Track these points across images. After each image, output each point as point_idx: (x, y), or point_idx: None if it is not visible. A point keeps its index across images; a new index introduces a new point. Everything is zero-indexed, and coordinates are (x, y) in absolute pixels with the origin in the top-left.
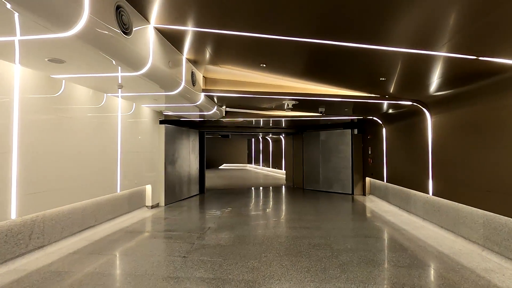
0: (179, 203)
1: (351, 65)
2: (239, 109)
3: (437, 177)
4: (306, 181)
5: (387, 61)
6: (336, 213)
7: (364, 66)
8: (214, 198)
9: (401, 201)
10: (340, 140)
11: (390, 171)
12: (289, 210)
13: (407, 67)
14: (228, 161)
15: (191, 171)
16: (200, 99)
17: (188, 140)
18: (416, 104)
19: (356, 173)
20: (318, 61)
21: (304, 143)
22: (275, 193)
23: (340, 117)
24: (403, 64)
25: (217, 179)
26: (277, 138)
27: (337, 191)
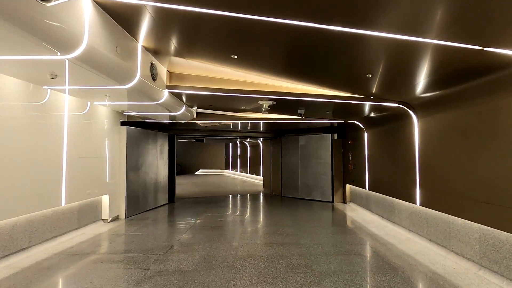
0: (143, 215)
1: (335, 56)
2: (212, 110)
3: (425, 186)
4: (285, 188)
5: (375, 52)
6: (316, 224)
7: (349, 59)
8: (185, 208)
9: (384, 210)
10: (320, 145)
11: (372, 178)
12: (266, 222)
13: (395, 62)
14: (204, 167)
15: (159, 178)
16: (163, 96)
17: (155, 144)
18: (402, 107)
19: (336, 179)
20: (297, 52)
21: (282, 148)
22: (251, 202)
23: (320, 121)
24: (392, 58)
25: (190, 186)
26: (255, 143)
27: (317, 199)
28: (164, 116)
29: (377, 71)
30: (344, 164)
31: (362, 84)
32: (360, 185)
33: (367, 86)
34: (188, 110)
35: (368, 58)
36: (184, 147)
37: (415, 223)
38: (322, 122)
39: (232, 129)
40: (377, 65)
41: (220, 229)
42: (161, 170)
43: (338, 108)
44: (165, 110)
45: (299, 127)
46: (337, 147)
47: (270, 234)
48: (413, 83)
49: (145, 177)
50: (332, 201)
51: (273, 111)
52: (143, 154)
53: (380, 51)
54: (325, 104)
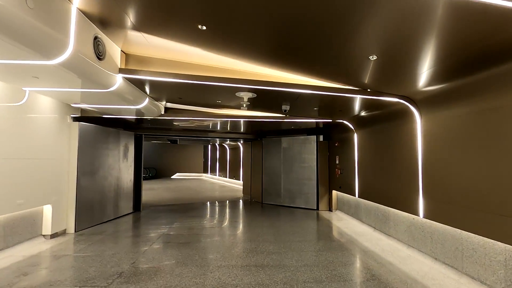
0: (99, 228)
1: (329, 32)
2: (183, 105)
3: (430, 196)
4: (266, 194)
5: (375, 25)
6: (301, 237)
7: (346, 34)
8: (151, 219)
9: (376, 221)
10: (304, 147)
11: (363, 185)
12: (244, 236)
13: (398, 40)
14: (181, 170)
15: (122, 184)
16: (116, 83)
17: (117, 144)
18: (402, 102)
19: (321, 185)
20: (283, 27)
21: (263, 150)
22: (229, 210)
23: (305, 120)
24: (394, 33)
25: (163, 192)
26: (234, 145)
27: (300, 206)
28: (126, 111)
29: (375, 53)
30: (330, 169)
31: (357, 73)
32: (348, 191)
33: (363, 75)
34: (154, 104)
35: (367, 34)
36: (160, 149)
37: (415, 237)
38: (307, 122)
39: (209, 129)
40: (376, 45)
41: (189, 247)
42: (124, 174)
43: (327, 103)
44: (123, 102)
45: (282, 127)
46: (322, 150)
47: (248, 252)
48: (418, 72)
49: (103, 182)
50: (317, 209)
51: (253, 108)
52: (101, 155)
53: (380, 23)
54: (313, 97)
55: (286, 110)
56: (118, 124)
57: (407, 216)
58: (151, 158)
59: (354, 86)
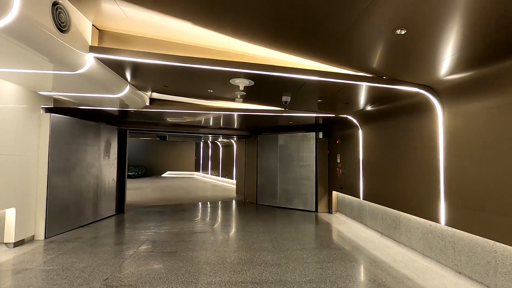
0: (74, 233)
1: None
2: (170, 95)
3: (453, 200)
4: (261, 195)
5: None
6: (302, 245)
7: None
8: (135, 222)
9: (384, 225)
10: (302, 145)
11: (369, 186)
12: (238, 243)
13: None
14: (172, 168)
15: (103, 183)
16: (86, 64)
17: (97, 139)
18: (422, 92)
19: (321, 186)
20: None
21: (258, 148)
22: (221, 212)
23: (306, 114)
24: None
25: (152, 191)
26: (228, 143)
27: (298, 208)
28: (106, 101)
29: (400, 26)
30: (330, 168)
31: (372, 56)
32: (351, 193)
33: (379, 58)
34: (137, 94)
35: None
36: (150, 146)
37: (433, 246)
38: (307, 118)
39: (200, 124)
40: (401, 16)
41: (175, 257)
42: (106, 172)
43: (333, 94)
44: (99, 89)
45: (279, 123)
46: (322, 148)
47: (244, 264)
48: (442, 57)
49: (80, 182)
50: (316, 211)
51: (249, 100)
52: (78, 151)
53: None
54: (319, 86)
55: (286, 102)
56: (99, 117)
57: (423, 222)
58: (140, 156)
59: (368, 72)
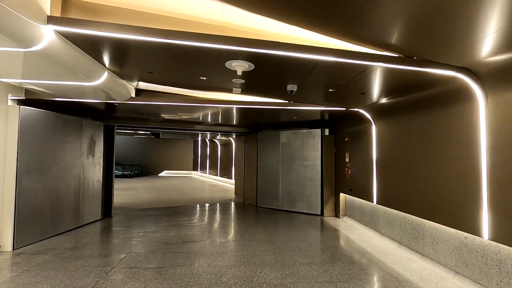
0: (50, 242)
1: None
2: (158, 84)
3: (501, 210)
4: (261, 197)
5: None
6: (311, 258)
7: None
8: (121, 229)
9: (404, 234)
10: (307, 143)
11: (384, 189)
12: (236, 257)
13: None
14: (170, 168)
15: (86, 185)
16: (43, 38)
17: (79, 136)
18: (460, 77)
19: (327, 187)
20: None
21: (259, 146)
22: (219, 216)
23: (312, 108)
24: None
25: (146, 192)
26: (226, 141)
27: (302, 211)
28: (85, 91)
29: None
30: (337, 168)
31: (400, 32)
32: (362, 195)
33: (407, 35)
34: (118, 83)
35: None
36: (146, 144)
37: (469, 263)
38: (312, 113)
39: (196, 120)
40: None
41: (160, 275)
42: (89, 173)
43: (349, 82)
44: (68, 74)
45: (281, 119)
46: (328, 146)
47: (241, 285)
48: (484, 33)
49: (57, 184)
50: (321, 215)
51: (249, 91)
52: (56, 149)
53: None
54: (334, 70)
55: (292, 91)
56: (81, 111)
57: (455, 233)
58: (136, 154)
59: (394, 51)
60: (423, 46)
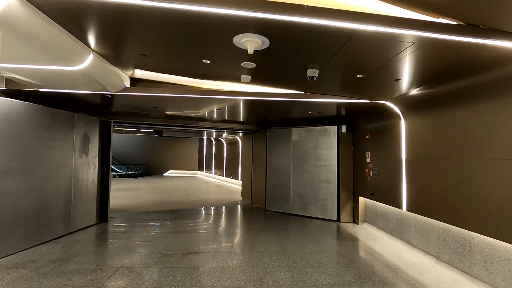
0: (33, 252)
1: None
2: (158, 72)
3: None
4: (270, 199)
5: None
6: (334, 277)
7: None
8: (116, 236)
9: (443, 248)
10: (321, 141)
11: (416, 194)
12: (244, 273)
13: None
14: (175, 167)
15: (78, 186)
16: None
17: (70, 132)
18: None
19: (344, 190)
20: None
21: (268, 145)
22: (224, 221)
23: (333, 100)
24: None
25: (148, 193)
26: (232, 140)
27: (315, 216)
28: (70, 79)
29: None
30: (355, 169)
31: None
32: (387, 200)
33: None
34: (107, 69)
35: None
36: (151, 143)
37: None
38: (329, 107)
39: (200, 116)
40: None
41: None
42: (82, 173)
43: (384, 64)
44: (41, 54)
45: (292, 115)
46: (345, 145)
47: None
48: None
49: (44, 186)
50: (337, 220)
51: (260, 78)
52: (42, 147)
53: None
54: (370, 46)
55: (313, 77)
56: (75, 105)
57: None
58: (141, 153)
59: (453, 16)
60: (491, 10)
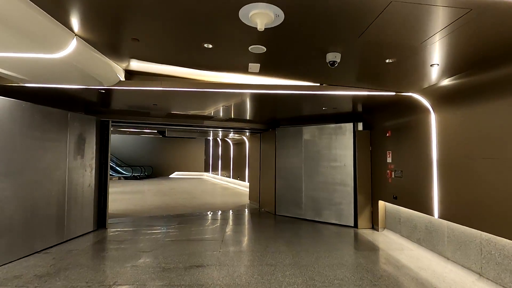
0: (19, 265)
1: None
2: (155, 62)
3: None
4: (281, 203)
5: None
6: None
7: None
8: (113, 246)
9: (488, 263)
10: (336, 140)
11: (452, 198)
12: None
13: None
14: (181, 169)
15: (73, 191)
16: None
17: (63, 132)
18: None
19: (361, 193)
20: None
21: (277, 145)
22: (230, 227)
23: (351, 92)
24: None
25: (153, 196)
26: (239, 140)
27: (330, 221)
28: (56, 72)
29: None
30: (374, 170)
31: None
32: (413, 205)
33: None
34: (96, 60)
35: None
36: (157, 145)
37: None
38: (344, 102)
39: (205, 115)
40: None
41: None
42: (78, 177)
43: (421, 45)
44: (12, 42)
45: (303, 112)
46: (362, 144)
47: None
48: None
49: (33, 191)
50: (354, 226)
51: (270, 67)
52: (31, 149)
53: None
54: (413, 16)
55: (334, 62)
56: (69, 103)
57: None
58: (147, 155)
59: None
60: None
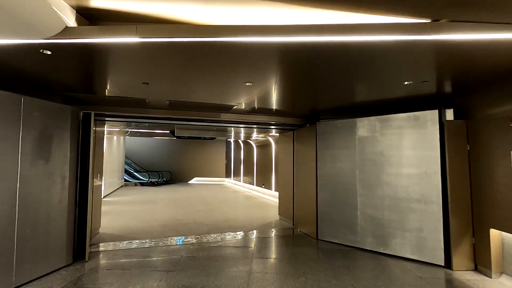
0: None
1: None
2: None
3: None
4: (324, 223)
5: None
6: None
7: None
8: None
9: None
10: (408, 136)
11: None
12: None
13: None
14: (201, 174)
15: (31, 211)
16: None
17: (13, 126)
18: None
19: (455, 215)
20: None
21: (319, 144)
22: (255, 264)
23: (499, 31)
24: None
25: (163, 209)
26: (263, 142)
27: (402, 255)
28: None
29: None
30: (478, 180)
31: None
32: None
33: None
34: None
35: None
36: (176, 149)
37: None
38: (468, 57)
39: (219, 104)
40: None
41: None
42: (40, 191)
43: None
44: None
45: (356, 99)
46: (455, 140)
47: None
48: None
49: None
50: (445, 266)
51: None
52: None
53: None
54: None
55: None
56: (31, 86)
57: None
58: (165, 160)
59: None
60: None
